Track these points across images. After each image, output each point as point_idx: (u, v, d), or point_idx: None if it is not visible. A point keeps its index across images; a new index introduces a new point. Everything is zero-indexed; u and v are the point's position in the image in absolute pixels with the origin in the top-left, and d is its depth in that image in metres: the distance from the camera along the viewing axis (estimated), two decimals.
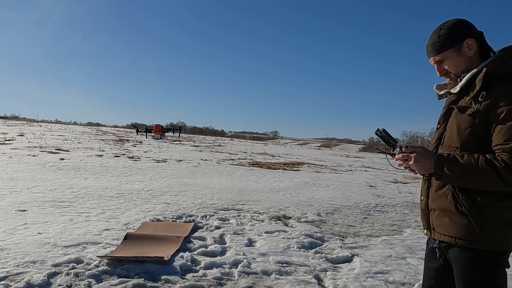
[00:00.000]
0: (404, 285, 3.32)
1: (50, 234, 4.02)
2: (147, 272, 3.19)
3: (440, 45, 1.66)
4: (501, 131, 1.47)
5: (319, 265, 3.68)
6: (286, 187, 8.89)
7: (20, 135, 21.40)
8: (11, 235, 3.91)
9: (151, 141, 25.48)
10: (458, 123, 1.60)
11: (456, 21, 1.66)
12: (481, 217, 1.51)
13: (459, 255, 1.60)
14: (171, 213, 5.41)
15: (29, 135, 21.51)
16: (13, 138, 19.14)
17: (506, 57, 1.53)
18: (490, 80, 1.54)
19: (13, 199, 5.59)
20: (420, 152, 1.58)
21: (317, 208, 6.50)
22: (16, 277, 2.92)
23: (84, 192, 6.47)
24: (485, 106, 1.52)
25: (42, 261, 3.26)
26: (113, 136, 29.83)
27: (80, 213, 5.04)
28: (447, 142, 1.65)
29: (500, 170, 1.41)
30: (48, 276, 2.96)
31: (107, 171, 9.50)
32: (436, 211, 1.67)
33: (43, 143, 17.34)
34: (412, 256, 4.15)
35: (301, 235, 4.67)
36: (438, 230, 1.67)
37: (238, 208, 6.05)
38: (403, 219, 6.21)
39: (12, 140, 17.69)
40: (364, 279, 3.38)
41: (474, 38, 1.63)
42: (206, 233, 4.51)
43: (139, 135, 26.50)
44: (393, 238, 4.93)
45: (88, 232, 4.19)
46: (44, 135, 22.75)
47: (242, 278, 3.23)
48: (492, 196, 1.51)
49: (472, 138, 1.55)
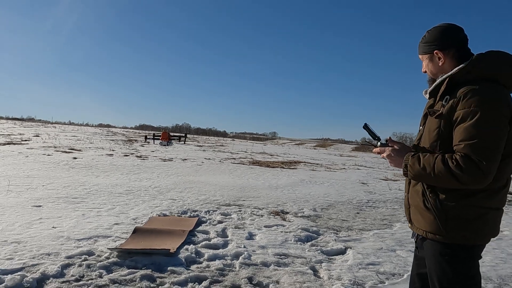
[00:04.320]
0: (394, 275, 3.32)
1: (63, 228, 4.03)
2: (154, 263, 3.19)
3: (420, 48, 1.75)
4: (457, 132, 1.50)
5: (315, 257, 3.68)
6: (284, 184, 8.89)
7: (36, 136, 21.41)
8: (27, 229, 3.91)
9: (158, 142, 25.46)
10: (429, 125, 1.64)
11: (437, 30, 1.68)
12: (445, 214, 1.54)
13: (431, 248, 1.64)
14: (176, 208, 5.41)
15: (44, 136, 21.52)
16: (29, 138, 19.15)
17: (469, 68, 1.55)
18: (456, 86, 1.57)
19: (29, 196, 5.59)
20: (396, 149, 1.68)
21: (313, 204, 6.51)
22: (32, 268, 2.92)
23: (95, 189, 6.47)
24: (448, 109, 1.55)
25: (56, 253, 3.26)
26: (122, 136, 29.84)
27: (91, 208, 5.05)
28: (422, 142, 1.68)
29: (453, 168, 1.44)
30: (62, 267, 2.96)
31: (117, 169, 9.50)
32: (412, 206, 1.72)
33: (57, 143, 17.35)
34: (402, 248, 4.15)
35: (298, 229, 4.67)
36: (415, 224, 1.71)
37: (239, 204, 6.06)
38: (393, 214, 6.22)
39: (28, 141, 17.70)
40: (357, 270, 3.39)
41: (448, 48, 1.64)
42: (209, 227, 4.51)
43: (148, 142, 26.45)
44: (384, 231, 4.93)
45: (99, 226, 4.20)
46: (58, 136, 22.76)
47: (243, 269, 3.24)
48: (457, 194, 1.52)
49: (438, 139, 1.58)
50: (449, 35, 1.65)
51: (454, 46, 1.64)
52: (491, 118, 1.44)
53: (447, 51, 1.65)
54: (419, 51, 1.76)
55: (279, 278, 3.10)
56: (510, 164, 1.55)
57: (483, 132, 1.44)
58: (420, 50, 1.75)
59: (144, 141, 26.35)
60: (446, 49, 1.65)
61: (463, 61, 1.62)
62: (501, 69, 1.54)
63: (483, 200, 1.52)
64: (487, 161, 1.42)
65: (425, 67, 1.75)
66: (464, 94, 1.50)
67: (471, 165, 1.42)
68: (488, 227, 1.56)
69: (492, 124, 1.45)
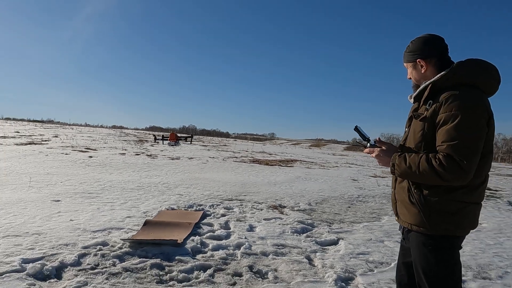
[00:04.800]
0: (382, 264, 3.32)
1: (80, 221, 4.03)
2: (163, 253, 3.19)
3: (404, 56, 1.76)
4: (440, 134, 1.50)
5: (310, 247, 3.68)
6: (282, 180, 8.89)
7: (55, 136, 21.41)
8: (47, 221, 3.91)
9: (166, 142, 25.45)
10: (414, 127, 1.64)
11: (420, 40, 1.69)
12: (428, 208, 1.54)
13: (415, 239, 1.64)
14: (183, 203, 5.41)
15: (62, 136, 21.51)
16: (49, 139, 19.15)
17: (449, 75, 1.55)
18: (438, 91, 1.58)
19: (49, 191, 5.60)
20: (384, 149, 1.69)
21: (308, 199, 6.51)
22: (51, 257, 2.93)
23: (109, 185, 6.48)
24: (431, 113, 1.55)
25: (73, 243, 3.26)
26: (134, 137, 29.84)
27: (106, 203, 5.05)
28: (408, 143, 1.69)
29: (436, 167, 1.45)
30: (78, 257, 2.96)
31: (129, 167, 9.50)
32: (399, 201, 1.71)
33: (74, 143, 17.35)
34: (389, 239, 4.15)
35: (294, 222, 4.67)
36: (401, 217, 1.71)
37: (240, 199, 6.05)
38: (381, 208, 6.22)
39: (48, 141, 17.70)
40: (348, 259, 3.39)
41: (430, 57, 1.65)
42: (213, 220, 4.51)
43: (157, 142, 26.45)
44: (373, 224, 4.93)
45: (113, 219, 4.20)
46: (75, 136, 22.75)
47: (244, 258, 3.23)
48: (439, 190, 1.53)
49: (423, 140, 1.59)
50: (430, 45, 1.66)
51: (435, 55, 1.65)
52: (471, 121, 1.45)
53: (429, 59, 1.65)
54: (404, 59, 1.76)
55: (277, 267, 3.10)
56: (488, 162, 1.56)
57: (464, 133, 1.44)
58: (404, 59, 1.76)
59: (154, 141, 26.37)
60: (428, 58, 1.65)
61: (444, 68, 1.62)
62: (479, 75, 1.54)
63: (464, 195, 1.52)
64: (467, 160, 1.42)
65: (409, 74, 1.76)
66: (446, 99, 1.50)
67: (453, 164, 1.43)
68: (468, 220, 1.57)
69: (472, 126, 1.45)
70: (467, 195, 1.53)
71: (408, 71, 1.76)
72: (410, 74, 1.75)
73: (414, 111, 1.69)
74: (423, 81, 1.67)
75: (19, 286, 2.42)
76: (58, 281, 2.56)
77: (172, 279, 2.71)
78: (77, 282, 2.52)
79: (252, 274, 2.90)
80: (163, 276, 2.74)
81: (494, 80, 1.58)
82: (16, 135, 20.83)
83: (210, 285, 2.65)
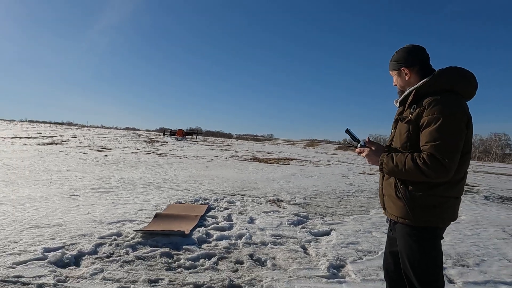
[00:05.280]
0: (370, 252, 3.32)
1: (97, 213, 4.02)
2: (172, 243, 3.19)
3: (390, 65, 1.76)
4: (423, 135, 1.51)
5: (305, 237, 3.67)
6: (279, 177, 8.89)
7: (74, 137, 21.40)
8: (66, 214, 3.91)
9: (175, 142, 25.46)
10: (400, 129, 1.64)
11: (403, 51, 1.70)
12: (413, 202, 1.55)
13: (401, 230, 1.64)
14: (190, 197, 5.40)
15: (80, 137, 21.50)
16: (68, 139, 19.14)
17: (431, 82, 1.56)
18: (421, 96, 1.58)
19: (68, 187, 5.59)
20: (373, 149, 1.70)
21: (303, 194, 6.50)
22: (70, 246, 2.92)
23: (123, 181, 6.47)
24: (415, 116, 1.56)
25: (90, 234, 3.26)
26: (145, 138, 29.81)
27: (120, 197, 5.05)
28: (394, 143, 1.69)
29: (420, 165, 1.45)
30: (95, 246, 2.96)
31: (141, 165, 9.50)
32: (386, 196, 1.71)
33: (91, 143, 17.34)
34: (376, 230, 4.15)
35: (291, 214, 4.66)
36: (388, 210, 1.71)
37: (242, 194, 6.05)
38: (370, 202, 6.22)
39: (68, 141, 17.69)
40: (339, 248, 3.38)
41: (413, 65, 1.65)
42: (217, 213, 4.51)
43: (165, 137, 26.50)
44: (362, 216, 4.93)
45: (126, 212, 4.19)
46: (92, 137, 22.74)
47: (245, 248, 3.23)
48: (423, 186, 1.53)
49: (408, 141, 1.59)
50: (413, 55, 1.66)
51: (418, 64, 1.65)
52: (451, 123, 1.45)
53: (412, 67, 1.66)
54: (390, 68, 1.76)
55: (275, 255, 3.10)
56: (467, 161, 1.56)
57: (445, 135, 1.44)
58: (390, 67, 1.76)
59: (163, 136, 26.30)
60: (411, 66, 1.66)
61: (426, 75, 1.62)
62: (458, 82, 1.54)
63: (445, 190, 1.52)
64: (449, 159, 1.42)
65: (395, 81, 1.76)
66: (429, 103, 1.51)
67: (436, 163, 1.43)
68: (448, 213, 1.57)
69: (452, 128, 1.45)
70: (448, 190, 1.53)
71: (394, 79, 1.76)
72: (395, 81, 1.75)
73: (400, 114, 1.69)
74: (407, 87, 1.68)
75: (42, 272, 2.42)
76: (76, 268, 2.56)
77: (180, 267, 2.70)
78: (94, 269, 2.52)
79: (253, 262, 2.90)
80: (171, 264, 2.74)
81: (472, 86, 1.58)
82: (38, 136, 20.81)
83: (214, 272, 2.65)
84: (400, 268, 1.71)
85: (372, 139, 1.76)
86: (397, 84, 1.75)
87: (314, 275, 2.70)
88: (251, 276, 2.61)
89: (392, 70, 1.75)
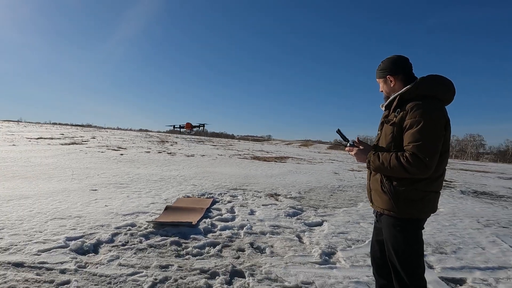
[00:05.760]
0: (358, 241, 3.32)
1: (113, 206, 4.02)
2: (181, 232, 3.19)
3: (376, 73, 1.75)
4: (406, 136, 1.51)
5: (299, 228, 3.67)
6: (277, 173, 8.88)
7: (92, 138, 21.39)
8: (86, 207, 3.91)
9: (183, 142, 25.44)
10: (385, 130, 1.64)
11: (389, 60, 1.70)
12: (397, 196, 1.55)
13: (386, 221, 1.64)
14: (197, 191, 5.40)
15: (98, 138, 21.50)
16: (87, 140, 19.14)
17: (413, 88, 1.56)
18: (404, 101, 1.58)
19: (88, 182, 5.59)
20: (361, 149, 1.70)
21: (298, 188, 6.50)
22: (89, 236, 2.92)
23: (137, 177, 6.47)
24: (399, 119, 1.56)
25: (107, 225, 3.26)
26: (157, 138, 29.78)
27: (134, 191, 5.04)
28: (380, 143, 1.69)
29: (404, 163, 1.45)
30: (112, 235, 2.96)
31: (153, 163, 9.50)
32: (373, 190, 1.71)
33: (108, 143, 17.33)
34: (364, 221, 4.15)
35: (287, 207, 4.66)
36: (375, 203, 1.71)
37: (243, 188, 6.04)
38: (358, 196, 6.21)
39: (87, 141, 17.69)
40: (331, 237, 3.38)
41: (397, 73, 1.65)
42: (221, 206, 4.50)
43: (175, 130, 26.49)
44: (351, 209, 4.92)
45: (140, 205, 4.19)
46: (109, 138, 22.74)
47: (246, 237, 3.23)
48: (406, 181, 1.53)
49: (392, 141, 1.59)
50: (398, 64, 1.66)
51: (401, 72, 1.65)
52: (431, 126, 1.45)
53: (396, 76, 1.66)
54: (376, 76, 1.76)
55: (273, 243, 3.09)
56: (445, 159, 1.56)
57: (426, 136, 1.44)
58: (377, 75, 1.76)
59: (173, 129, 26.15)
60: (396, 74, 1.66)
61: (409, 83, 1.62)
62: (437, 88, 1.54)
63: (425, 185, 1.52)
64: (429, 158, 1.42)
65: (381, 88, 1.76)
66: (411, 108, 1.51)
67: (417, 161, 1.43)
68: (429, 206, 1.57)
69: (432, 130, 1.45)
70: (428, 186, 1.53)
71: (380, 85, 1.76)
72: (381, 87, 1.75)
73: (385, 117, 1.69)
74: (392, 93, 1.68)
75: (64, 259, 2.42)
76: (95, 255, 2.56)
77: (188, 254, 2.70)
78: (111, 256, 2.52)
79: (253, 250, 2.90)
80: (180, 251, 2.74)
81: (450, 92, 1.58)
82: (61, 137, 20.80)
83: (218, 259, 2.65)
84: (385, 255, 1.71)
85: (361, 139, 1.76)
86: (383, 90, 1.75)
87: (308, 261, 2.70)
88: (252, 262, 2.61)
89: (378, 78, 1.75)
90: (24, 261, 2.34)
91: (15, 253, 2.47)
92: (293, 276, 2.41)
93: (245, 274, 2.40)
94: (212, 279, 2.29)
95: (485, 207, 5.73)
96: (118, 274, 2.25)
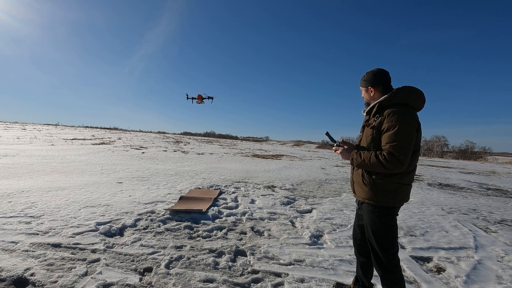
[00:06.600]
0: (342, 225, 3.31)
1: (136, 196, 4.01)
2: (193, 218, 3.18)
3: (360, 83, 1.74)
4: (384, 138, 1.50)
5: (293, 214, 3.66)
6: (273, 169, 8.87)
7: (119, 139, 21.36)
8: (113, 197, 3.90)
9: (195, 142, 25.40)
10: (366, 132, 1.64)
11: (371, 73, 1.69)
12: (376, 187, 1.55)
13: (366, 208, 1.64)
14: (206, 184, 5.39)
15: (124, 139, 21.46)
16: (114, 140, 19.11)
17: (390, 97, 1.56)
18: (383, 108, 1.58)
19: (115, 176, 5.58)
20: (346, 148, 1.70)
21: (291, 181, 6.49)
22: (116, 221, 2.92)
23: (156, 172, 6.46)
24: (378, 123, 1.55)
25: (131, 212, 3.25)
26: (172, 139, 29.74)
27: (153, 184, 5.03)
28: (362, 143, 1.69)
29: (382, 160, 1.46)
30: (135, 221, 2.95)
31: (169, 160, 9.48)
32: (355, 182, 1.70)
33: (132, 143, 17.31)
34: (347, 209, 4.14)
35: (282, 197, 4.65)
36: (357, 193, 1.70)
37: (245, 181, 6.04)
38: (342, 187, 6.21)
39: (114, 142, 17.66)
40: (319, 222, 3.38)
41: (377, 85, 1.64)
42: (226, 196, 4.50)
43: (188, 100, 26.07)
44: (336, 198, 4.92)
45: (158, 195, 4.18)
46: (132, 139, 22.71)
47: (248, 222, 3.22)
48: (383, 175, 1.54)
49: (372, 142, 1.58)
50: (378, 77, 1.65)
51: (381, 84, 1.64)
52: (405, 129, 1.45)
53: (376, 87, 1.65)
54: (360, 84, 1.75)
55: (270, 228, 3.09)
56: (416, 157, 1.56)
57: (400, 137, 1.44)
58: (360, 84, 1.75)
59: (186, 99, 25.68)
60: (376, 86, 1.65)
61: (387, 92, 1.62)
62: (410, 97, 1.54)
63: (400, 179, 1.52)
64: (403, 156, 1.42)
65: (363, 95, 1.75)
66: (388, 114, 1.50)
67: (393, 158, 1.42)
68: (402, 196, 1.56)
69: (406, 133, 1.45)
70: (402, 179, 1.53)
71: (362, 93, 1.75)
72: (363, 94, 1.74)
73: (366, 121, 1.69)
74: (372, 101, 1.67)
75: (95, 240, 2.42)
76: (121, 237, 2.56)
77: (198, 236, 2.70)
78: (134, 238, 2.52)
79: (253, 233, 2.90)
80: (192, 234, 2.73)
81: (421, 100, 1.57)
82: (92, 138, 20.78)
83: (224, 240, 2.64)
84: (365, 237, 1.71)
85: (345, 140, 1.76)
86: (364, 97, 1.74)
87: (300, 243, 2.69)
88: (252, 243, 2.61)
89: (361, 86, 1.74)
90: (61, 242, 2.34)
91: (53, 235, 2.46)
92: (287, 255, 2.41)
93: (247, 253, 2.40)
94: (219, 257, 2.28)
95: (448, 197, 5.73)
96: (140, 253, 2.25)
